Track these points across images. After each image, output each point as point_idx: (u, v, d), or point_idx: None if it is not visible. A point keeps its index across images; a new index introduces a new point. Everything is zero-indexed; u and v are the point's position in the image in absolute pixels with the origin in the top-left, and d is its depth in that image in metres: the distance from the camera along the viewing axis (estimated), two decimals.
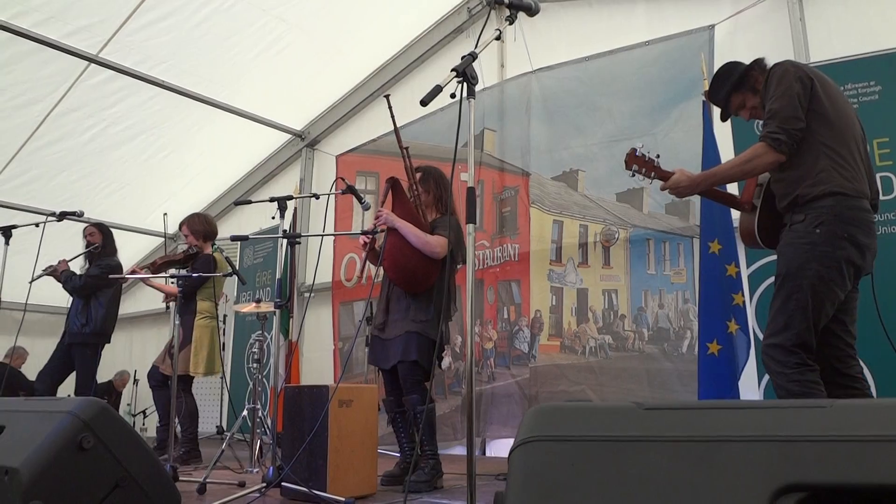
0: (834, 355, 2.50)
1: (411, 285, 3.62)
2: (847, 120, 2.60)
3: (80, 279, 5.15)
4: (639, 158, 2.83)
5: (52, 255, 5.31)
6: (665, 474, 1.06)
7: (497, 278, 5.56)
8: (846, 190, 2.45)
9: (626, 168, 2.86)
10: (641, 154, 2.83)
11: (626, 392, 4.72)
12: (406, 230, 3.54)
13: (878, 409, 1.08)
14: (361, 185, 6.64)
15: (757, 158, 2.56)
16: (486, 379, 5.40)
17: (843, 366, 2.50)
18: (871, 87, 3.80)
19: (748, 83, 2.80)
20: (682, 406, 1.17)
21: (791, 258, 2.49)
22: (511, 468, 1.16)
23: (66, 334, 5.27)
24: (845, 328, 2.56)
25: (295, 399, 3.32)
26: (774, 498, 1.00)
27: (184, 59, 6.08)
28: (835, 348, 2.49)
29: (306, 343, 7.16)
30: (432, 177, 3.87)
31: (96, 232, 5.41)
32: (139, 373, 8.41)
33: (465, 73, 2.17)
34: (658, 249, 4.77)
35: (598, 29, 5.54)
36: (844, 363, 2.51)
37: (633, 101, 5.02)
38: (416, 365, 3.53)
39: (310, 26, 6.14)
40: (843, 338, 2.54)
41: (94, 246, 5.28)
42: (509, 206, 5.60)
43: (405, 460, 3.71)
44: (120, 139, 6.73)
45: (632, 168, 2.84)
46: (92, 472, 1.80)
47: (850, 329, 2.58)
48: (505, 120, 5.78)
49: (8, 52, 5.44)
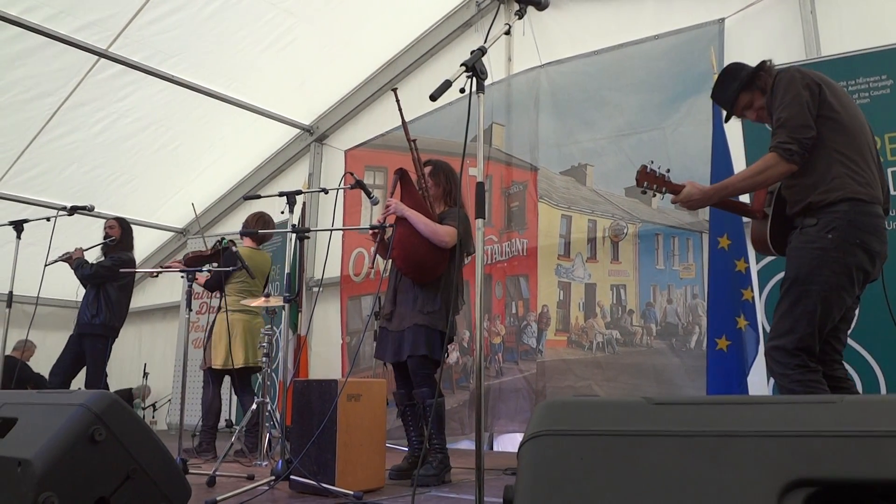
0: (821, 360, 2.49)
1: (420, 275, 3.63)
2: (858, 123, 2.57)
3: (90, 268, 5.19)
4: (650, 175, 2.81)
5: (63, 249, 5.35)
6: (674, 469, 1.06)
7: (505, 273, 5.56)
8: (861, 196, 2.42)
9: (638, 185, 2.84)
10: (652, 170, 2.81)
11: (633, 387, 4.71)
12: (415, 219, 3.55)
13: (889, 405, 1.08)
14: (370, 179, 6.65)
15: (769, 169, 2.52)
16: (495, 374, 5.41)
17: (828, 369, 2.50)
18: (882, 81, 3.77)
19: (757, 83, 2.76)
20: (691, 401, 1.17)
21: (801, 262, 2.46)
22: (520, 462, 1.17)
23: (77, 325, 5.30)
24: (837, 336, 2.55)
25: (304, 393, 3.34)
26: (784, 493, 1.00)
27: (193, 53, 6.10)
28: (823, 353, 2.48)
29: (315, 337, 7.19)
30: (442, 170, 3.88)
31: (116, 225, 5.46)
32: (149, 366, 8.46)
33: (474, 67, 2.17)
34: (667, 244, 4.76)
35: (607, 23, 5.51)
36: (830, 367, 2.51)
37: (642, 95, 5.00)
38: (425, 359, 3.54)
39: (318, 20, 6.15)
40: (832, 344, 2.53)
41: (110, 238, 5.32)
42: (517, 200, 5.59)
43: (413, 454, 3.72)
44: (129, 131, 6.76)
45: (643, 185, 2.82)
46: (103, 465, 1.82)
47: (841, 337, 2.58)
48: (513, 114, 5.77)
49: (19, 46, 5.47)
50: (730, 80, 2.82)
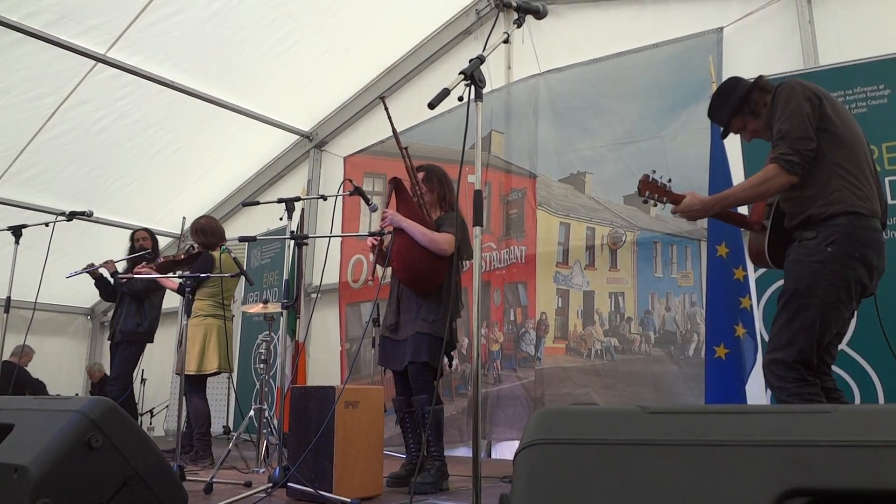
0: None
1: (420, 285, 3.63)
2: (857, 137, 2.57)
3: (140, 282, 5.21)
4: (651, 184, 2.80)
5: (62, 253, 5.35)
6: (669, 478, 1.07)
7: (503, 280, 5.56)
8: (860, 209, 2.42)
9: (640, 195, 2.83)
10: (654, 180, 2.80)
11: (631, 395, 4.71)
12: (412, 229, 3.55)
13: (883, 415, 1.08)
14: (369, 186, 6.66)
15: (770, 181, 2.51)
16: (493, 381, 5.41)
17: (818, 380, 2.49)
18: (880, 91, 3.78)
19: (748, 106, 2.75)
20: (686, 410, 1.17)
21: (800, 276, 2.46)
22: (516, 471, 1.17)
23: (117, 333, 5.32)
24: (828, 351, 2.55)
25: (301, 400, 3.33)
26: (779, 502, 1.00)
27: (192, 56, 6.11)
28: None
29: (313, 344, 7.18)
30: (435, 175, 3.87)
31: (148, 237, 5.51)
32: (146, 372, 8.44)
33: (472, 76, 2.17)
34: (665, 252, 4.76)
35: (606, 31, 5.53)
36: (820, 379, 2.50)
37: (641, 103, 5.01)
38: (426, 366, 3.54)
39: (318, 25, 6.16)
40: (823, 358, 2.52)
41: (146, 251, 5.35)
42: (516, 208, 5.60)
43: (411, 461, 3.71)
44: (129, 133, 6.76)
45: (645, 194, 2.82)
46: (100, 471, 1.82)
47: (832, 351, 2.58)
48: (512, 122, 5.79)
49: (19, 50, 5.48)
50: (723, 100, 2.82)
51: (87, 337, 9.78)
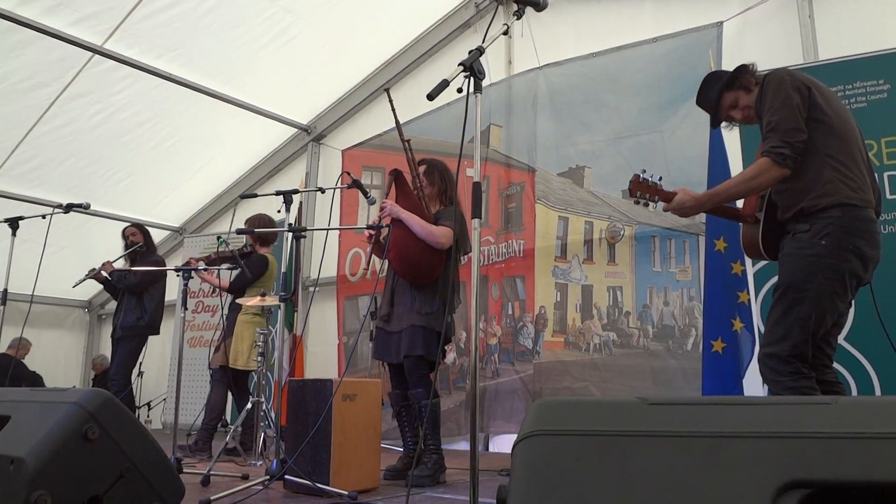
0: (812, 365, 2.48)
1: (416, 278, 3.62)
2: (849, 126, 2.55)
3: (134, 276, 5.27)
4: (642, 184, 2.77)
5: (59, 246, 5.33)
6: (668, 469, 1.06)
7: (502, 274, 5.56)
8: (853, 201, 2.41)
9: (631, 195, 2.80)
10: (644, 179, 2.77)
11: (629, 389, 4.72)
12: (410, 221, 3.55)
13: (883, 406, 1.08)
14: (367, 179, 6.64)
15: (762, 175, 2.49)
16: (491, 375, 5.41)
17: (819, 374, 2.48)
18: (879, 86, 3.78)
19: (739, 82, 2.73)
20: (685, 401, 1.17)
21: (795, 269, 2.45)
22: (514, 462, 1.16)
23: (118, 328, 5.38)
24: (827, 341, 2.54)
25: (299, 393, 3.33)
26: (778, 494, 1.00)
27: (190, 48, 6.07)
28: (814, 358, 2.47)
29: (311, 337, 7.17)
30: (437, 169, 3.87)
31: (138, 232, 5.55)
32: (143, 365, 8.42)
33: (472, 67, 2.16)
34: (663, 247, 4.76)
35: (606, 25, 5.52)
36: (821, 371, 2.50)
37: (641, 97, 5.00)
38: (421, 359, 3.54)
39: (317, 18, 6.13)
40: (823, 349, 2.52)
41: (138, 245, 5.41)
42: (515, 201, 5.59)
43: (408, 454, 3.72)
44: (127, 126, 6.72)
45: (636, 195, 2.79)
46: (97, 463, 1.81)
47: (832, 342, 2.57)
48: (511, 115, 5.77)
49: (14, 38, 5.43)
50: (712, 83, 2.81)
51: (85, 330, 9.75)
